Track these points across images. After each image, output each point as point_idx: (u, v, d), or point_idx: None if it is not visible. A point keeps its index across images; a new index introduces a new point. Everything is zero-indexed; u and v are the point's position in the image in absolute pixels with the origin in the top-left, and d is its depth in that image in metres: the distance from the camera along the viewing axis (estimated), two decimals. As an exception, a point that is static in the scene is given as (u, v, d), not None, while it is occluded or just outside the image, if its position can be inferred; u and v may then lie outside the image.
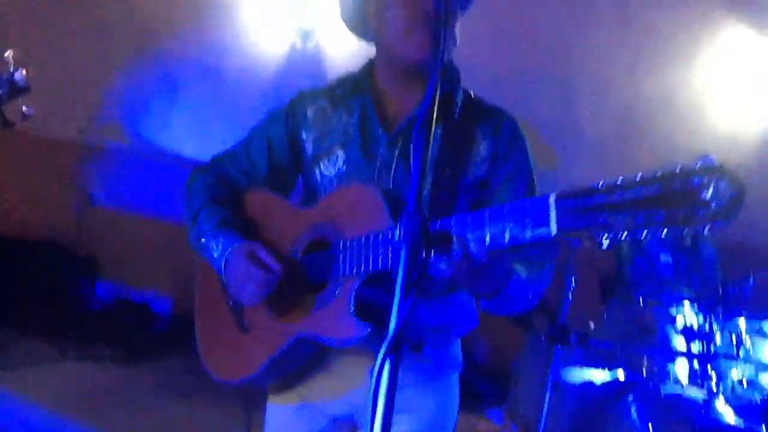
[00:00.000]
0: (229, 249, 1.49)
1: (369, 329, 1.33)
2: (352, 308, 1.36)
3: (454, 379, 1.60)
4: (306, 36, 4.12)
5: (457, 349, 1.60)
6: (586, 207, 1.01)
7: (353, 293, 1.36)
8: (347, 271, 1.39)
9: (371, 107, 1.55)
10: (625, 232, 0.97)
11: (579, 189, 1.02)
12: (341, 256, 1.40)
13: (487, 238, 1.13)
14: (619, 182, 0.98)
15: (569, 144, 3.69)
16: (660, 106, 3.65)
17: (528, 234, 1.08)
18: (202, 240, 1.54)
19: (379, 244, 1.32)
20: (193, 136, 4.30)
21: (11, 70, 1.50)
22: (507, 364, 3.42)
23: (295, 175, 1.67)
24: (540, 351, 3.11)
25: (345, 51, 4.00)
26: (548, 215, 1.05)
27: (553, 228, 1.04)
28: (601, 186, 1.00)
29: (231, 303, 1.60)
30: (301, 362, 1.53)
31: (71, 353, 3.80)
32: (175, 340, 3.98)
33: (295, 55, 4.17)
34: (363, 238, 1.35)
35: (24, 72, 1.50)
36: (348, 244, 1.39)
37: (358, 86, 1.58)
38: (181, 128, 4.39)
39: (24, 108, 1.52)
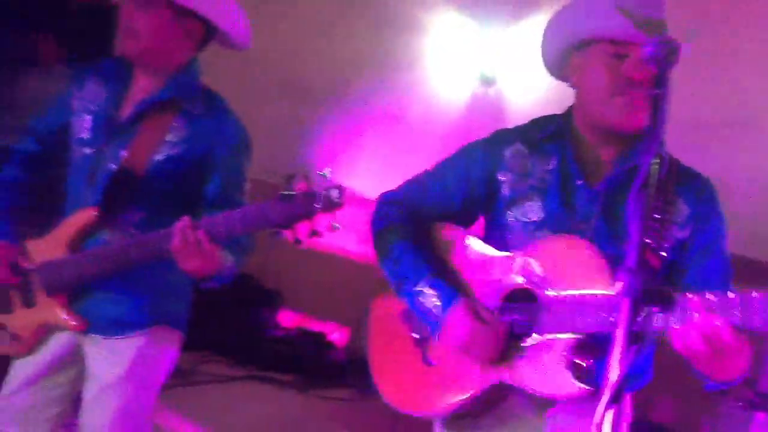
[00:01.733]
0: (452, 304, 1.51)
1: (583, 387, 1.33)
2: (568, 365, 1.36)
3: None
4: (488, 82, 4.18)
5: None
6: None
7: (569, 350, 1.37)
8: (557, 326, 1.39)
9: (571, 156, 1.54)
10: None
11: None
12: (551, 309, 1.40)
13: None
14: None
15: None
16: None
17: None
18: (417, 287, 1.56)
19: (601, 305, 1.32)
20: (376, 180, 4.48)
21: (328, 187, 1.62)
22: (693, 428, 3.20)
23: (480, 213, 1.67)
24: (737, 418, 2.90)
25: (528, 98, 4.02)
26: None
27: None
28: None
29: (418, 338, 1.63)
30: (484, 408, 1.55)
31: (253, 376, 4.06)
32: (349, 371, 4.15)
33: (477, 101, 4.24)
34: (579, 297, 1.36)
35: (339, 190, 1.62)
36: (559, 299, 1.39)
37: (556, 132, 1.58)
38: (365, 172, 4.59)
39: (333, 223, 1.64)
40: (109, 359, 1.94)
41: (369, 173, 4.56)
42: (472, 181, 1.63)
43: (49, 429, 2.03)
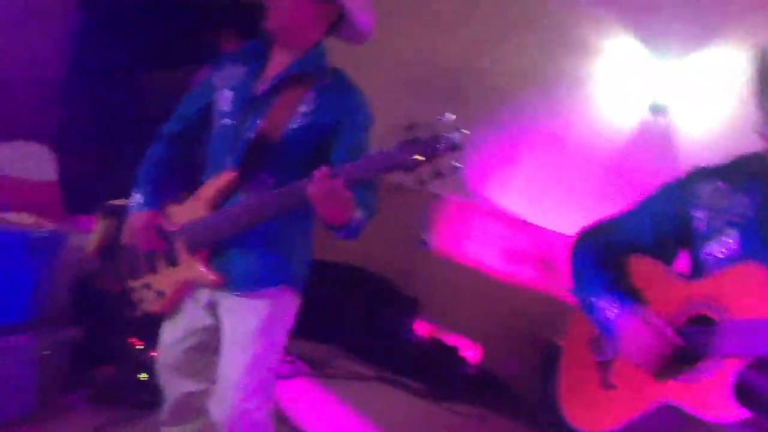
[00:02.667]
0: (628, 311, 1.56)
1: (747, 414, 1.31)
2: (733, 389, 1.34)
3: None
4: (658, 111, 4.02)
5: None
6: None
7: (736, 374, 1.35)
8: (730, 351, 1.38)
9: None
10: None
11: None
12: (726, 334, 1.40)
13: None
14: None
15: None
16: None
17: None
18: (592, 299, 1.64)
19: None
20: (529, 201, 4.44)
21: (449, 129, 1.73)
22: None
23: (677, 249, 1.69)
24: None
25: (701, 130, 3.82)
26: None
27: None
28: None
29: (600, 359, 1.69)
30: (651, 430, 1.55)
31: (384, 378, 4.13)
32: (479, 388, 4.13)
33: (645, 130, 4.08)
34: (758, 322, 1.35)
35: (462, 133, 1.74)
36: (737, 325, 1.38)
37: (759, 170, 1.54)
38: (519, 191, 4.54)
39: (454, 162, 1.75)
40: (241, 315, 2.10)
41: (523, 194, 4.52)
42: (663, 216, 1.67)
43: (199, 381, 2.25)
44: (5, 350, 2.75)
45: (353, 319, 4.47)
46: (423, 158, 1.73)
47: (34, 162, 3.67)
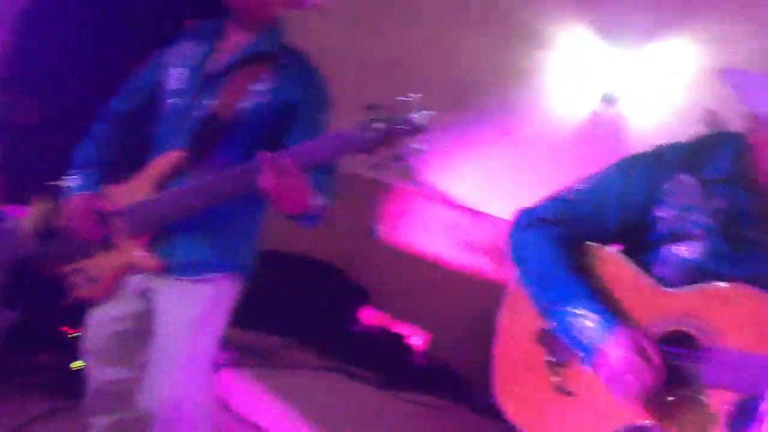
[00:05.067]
0: (614, 331, 1.40)
1: None
2: (724, 423, 1.29)
3: None
4: (610, 101, 4.04)
5: None
6: None
7: (730, 408, 1.30)
8: (720, 382, 1.30)
9: (745, 203, 1.43)
10: None
11: None
12: (715, 363, 1.31)
13: None
14: None
15: None
16: None
17: None
18: (574, 309, 1.46)
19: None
20: (481, 190, 4.42)
21: (411, 110, 1.64)
22: None
23: (630, 239, 1.56)
24: None
25: (651, 121, 3.86)
26: None
27: None
28: None
29: (552, 359, 1.55)
30: None
31: (330, 367, 4.07)
32: (429, 376, 4.10)
33: (597, 120, 4.11)
34: (751, 355, 1.27)
35: (423, 113, 1.65)
36: (728, 356, 1.30)
37: (730, 176, 1.45)
38: (471, 181, 4.53)
39: (416, 145, 1.66)
40: (181, 301, 2.00)
41: (476, 184, 4.50)
42: (629, 205, 1.52)
43: (125, 369, 2.12)
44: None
45: (301, 308, 4.39)
46: (383, 140, 1.65)
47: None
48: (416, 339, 4.43)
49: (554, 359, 1.54)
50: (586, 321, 1.42)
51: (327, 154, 1.75)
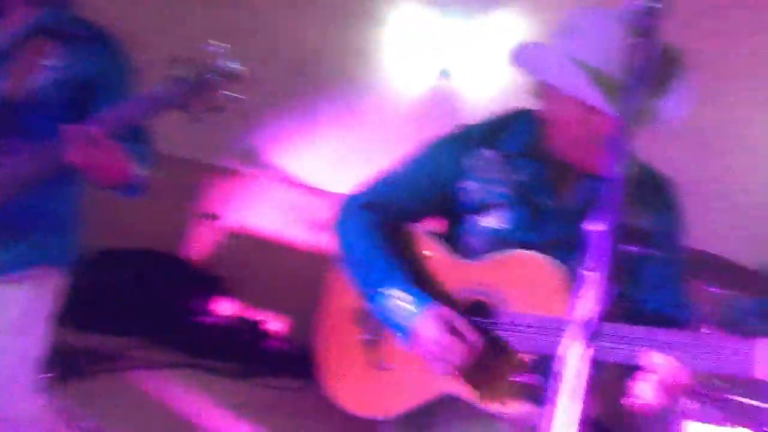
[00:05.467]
0: (425, 309, 1.44)
1: (527, 407, 1.34)
2: (518, 384, 1.38)
3: None
4: (444, 76, 4.14)
5: None
6: None
7: (520, 369, 1.38)
8: (523, 347, 1.40)
9: (542, 172, 1.51)
10: None
11: None
12: (507, 330, 1.40)
13: None
14: None
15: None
16: None
17: None
18: (388, 291, 1.49)
19: (559, 330, 1.30)
20: (326, 170, 4.41)
21: (220, 58, 1.58)
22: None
23: (443, 213, 1.63)
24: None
25: (484, 93, 3.99)
26: None
27: None
28: None
29: (367, 337, 1.60)
30: (432, 419, 1.52)
31: (186, 363, 3.93)
32: (290, 360, 4.06)
33: (432, 94, 4.20)
34: (540, 317, 1.35)
35: (233, 60, 1.58)
36: (517, 321, 1.38)
37: (529, 148, 1.53)
38: (316, 161, 4.50)
39: (229, 93, 1.60)
40: None
41: (320, 165, 4.48)
42: (440, 182, 1.58)
43: None
44: None
45: (146, 305, 4.18)
46: (195, 91, 1.58)
47: None
48: (275, 324, 4.38)
49: (370, 337, 1.59)
50: (400, 302, 1.46)
51: (136, 116, 1.66)
